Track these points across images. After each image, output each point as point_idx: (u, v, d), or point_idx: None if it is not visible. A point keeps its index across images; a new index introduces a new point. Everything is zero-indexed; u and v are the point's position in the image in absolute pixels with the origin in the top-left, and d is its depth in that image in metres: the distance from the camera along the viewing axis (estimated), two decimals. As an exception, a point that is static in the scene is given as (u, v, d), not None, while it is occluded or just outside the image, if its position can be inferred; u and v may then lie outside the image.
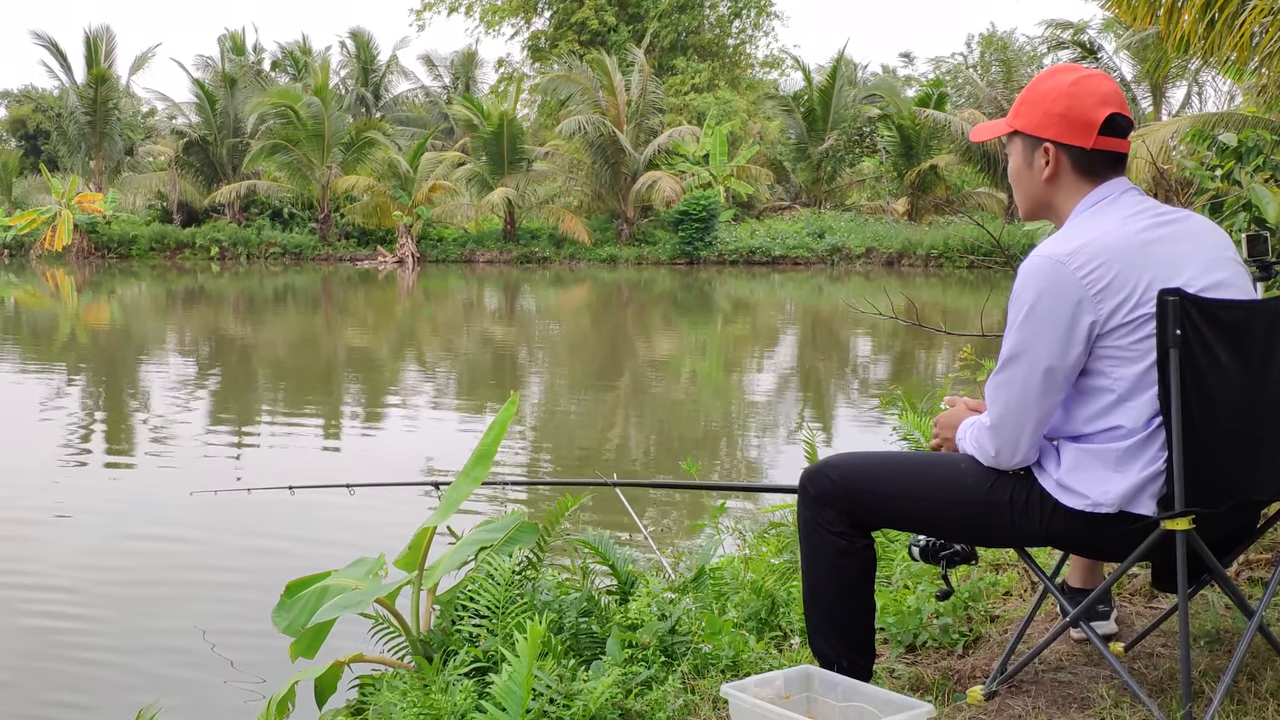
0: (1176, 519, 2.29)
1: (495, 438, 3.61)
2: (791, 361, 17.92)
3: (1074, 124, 2.40)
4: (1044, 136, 2.43)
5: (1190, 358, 2.26)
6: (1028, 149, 2.48)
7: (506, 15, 55.28)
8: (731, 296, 28.90)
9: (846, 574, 2.61)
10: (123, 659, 5.34)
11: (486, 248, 36.87)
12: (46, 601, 6.03)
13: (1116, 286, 2.30)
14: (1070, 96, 2.40)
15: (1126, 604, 3.41)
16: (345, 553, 4.20)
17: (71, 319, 22.23)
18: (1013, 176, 2.54)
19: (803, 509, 2.63)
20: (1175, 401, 2.26)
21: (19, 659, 5.31)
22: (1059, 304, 2.32)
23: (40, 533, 7.39)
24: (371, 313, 24.80)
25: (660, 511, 7.78)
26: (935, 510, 2.55)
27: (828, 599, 2.63)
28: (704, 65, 48.58)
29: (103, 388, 14.25)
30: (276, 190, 36.92)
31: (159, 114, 44.33)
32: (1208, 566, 2.40)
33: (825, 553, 2.60)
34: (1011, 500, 2.46)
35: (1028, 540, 2.56)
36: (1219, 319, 2.29)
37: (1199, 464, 2.30)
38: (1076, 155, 2.42)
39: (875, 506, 2.58)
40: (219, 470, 9.53)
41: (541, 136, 41.10)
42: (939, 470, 2.58)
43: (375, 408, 13.07)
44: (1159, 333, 2.27)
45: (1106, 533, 2.40)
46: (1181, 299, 2.25)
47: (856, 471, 2.60)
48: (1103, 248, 2.32)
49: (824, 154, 40.90)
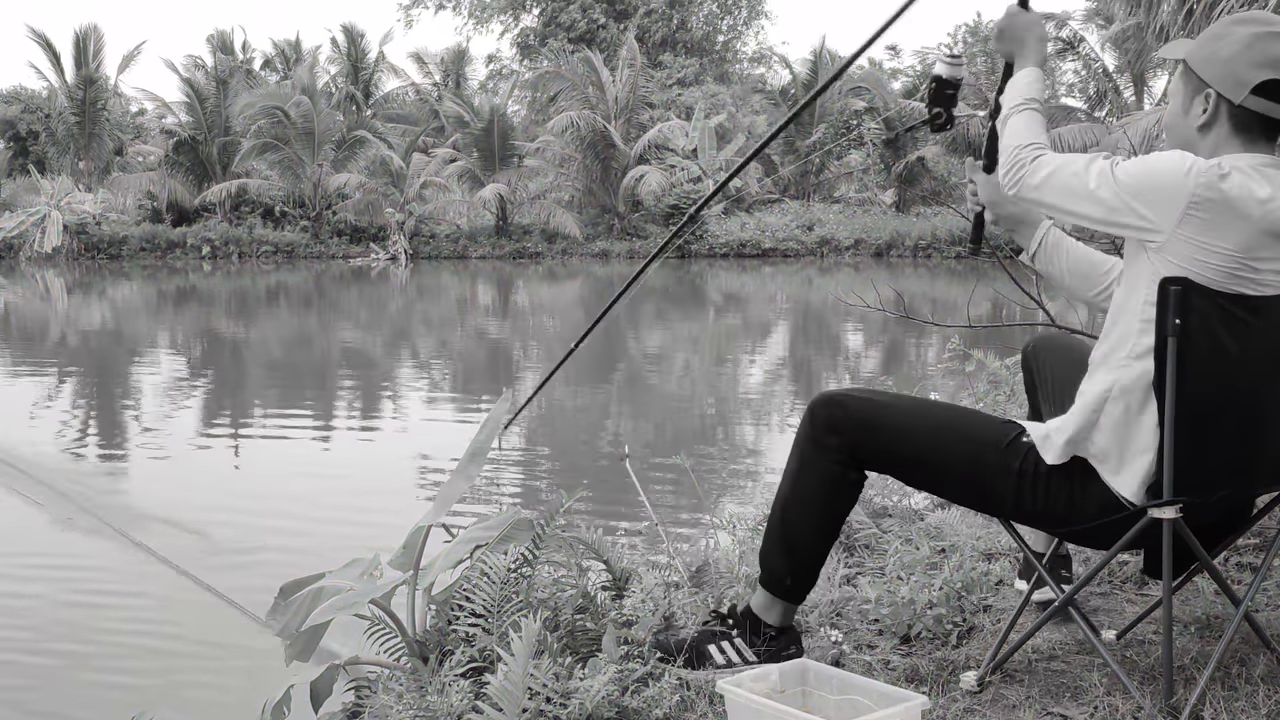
0: (1164, 508, 2.30)
1: (489, 435, 3.62)
2: (783, 354, 17.94)
3: (1233, 75, 2.33)
4: (1206, 78, 2.36)
5: (1190, 346, 2.25)
6: (1189, 89, 2.41)
7: (495, 13, 55.24)
8: (723, 289, 28.91)
9: (828, 503, 2.62)
10: (111, 663, 5.31)
11: (479, 243, 36.84)
12: (23, 612, 6.02)
13: (1244, 207, 2.23)
14: (1244, 48, 2.33)
15: (1118, 590, 3.43)
16: (339, 553, 4.21)
17: (62, 321, 22.17)
18: (1168, 122, 2.48)
19: (806, 428, 2.62)
20: (1170, 391, 2.26)
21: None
22: (1180, 184, 2.24)
23: (30, 533, 7.38)
24: (365, 310, 24.77)
25: (662, 500, 7.78)
26: (942, 465, 2.55)
27: (800, 521, 2.63)
28: (692, 61, 48.58)
29: (93, 388, 14.22)
30: (267, 189, 36.81)
31: (148, 113, 44.18)
32: (1195, 556, 2.41)
33: (816, 477, 2.60)
34: (1021, 469, 2.47)
35: (1020, 515, 2.56)
36: (1229, 312, 2.27)
37: (1190, 454, 2.30)
38: (1231, 108, 2.35)
39: (880, 445, 2.58)
40: (209, 467, 9.54)
41: (532, 132, 41.06)
42: (955, 421, 2.58)
43: (369, 404, 13.06)
44: (1158, 320, 2.27)
45: (1098, 514, 2.41)
46: (1185, 288, 2.23)
47: (874, 407, 2.59)
48: (1245, 189, 2.25)
49: (811, 147, 40.96)
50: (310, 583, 3.33)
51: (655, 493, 8.35)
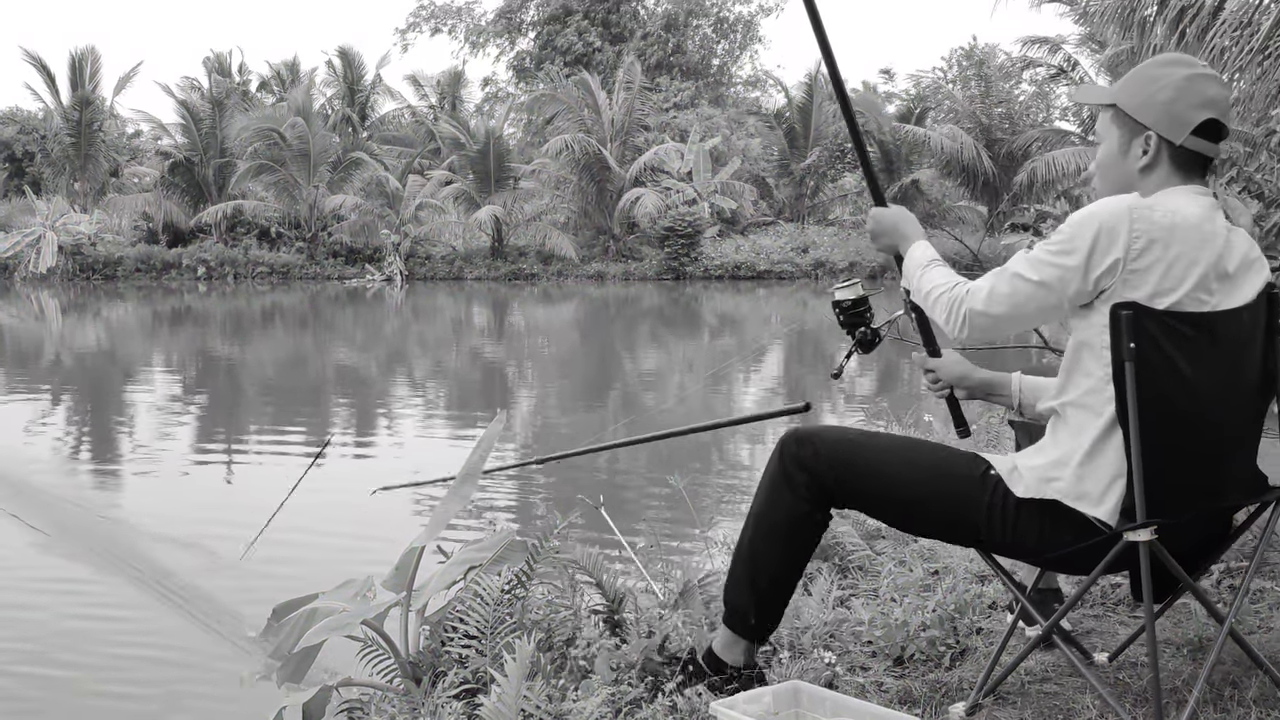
0: (1138, 530, 2.30)
1: (483, 455, 3.62)
2: (778, 375, 17.95)
3: (1174, 117, 2.38)
4: (1143, 121, 2.41)
5: (1146, 369, 2.28)
6: (1125, 133, 2.45)
7: (491, 37, 55.54)
8: (718, 311, 28.94)
9: (796, 539, 2.61)
10: (99, 687, 5.28)
11: (474, 265, 36.87)
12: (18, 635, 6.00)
13: (1162, 249, 2.29)
14: (1180, 91, 2.38)
15: (1111, 613, 3.44)
16: (333, 573, 4.20)
17: (56, 341, 22.15)
18: (1102, 163, 2.51)
19: (776, 464, 2.63)
20: (1132, 414, 2.28)
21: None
22: (1101, 237, 2.31)
23: (20, 554, 7.36)
24: (360, 331, 24.77)
25: (652, 524, 7.77)
26: (914, 500, 2.55)
27: (765, 558, 2.63)
28: (688, 84, 48.79)
29: (87, 409, 14.20)
30: (263, 210, 36.82)
31: (144, 135, 44.23)
32: (1175, 576, 2.41)
33: (783, 514, 2.60)
34: (990, 502, 2.48)
35: (995, 546, 2.57)
36: (1177, 331, 2.30)
37: (1159, 475, 2.31)
38: (1172, 149, 2.40)
39: (853, 485, 2.58)
40: (203, 486, 9.53)
41: (528, 154, 41.18)
42: (925, 458, 2.58)
43: (363, 424, 13.05)
44: (1114, 346, 2.29)
45: (1074, 538, 2.41)
46: (1136, 312, 2.26)
47: (843, 446, 2.60)
48: (1175, 223, 2.32)
49: (806, 170, 41.11)
50: (303, 604, 3.32)
51: (653, 508, 8.36)
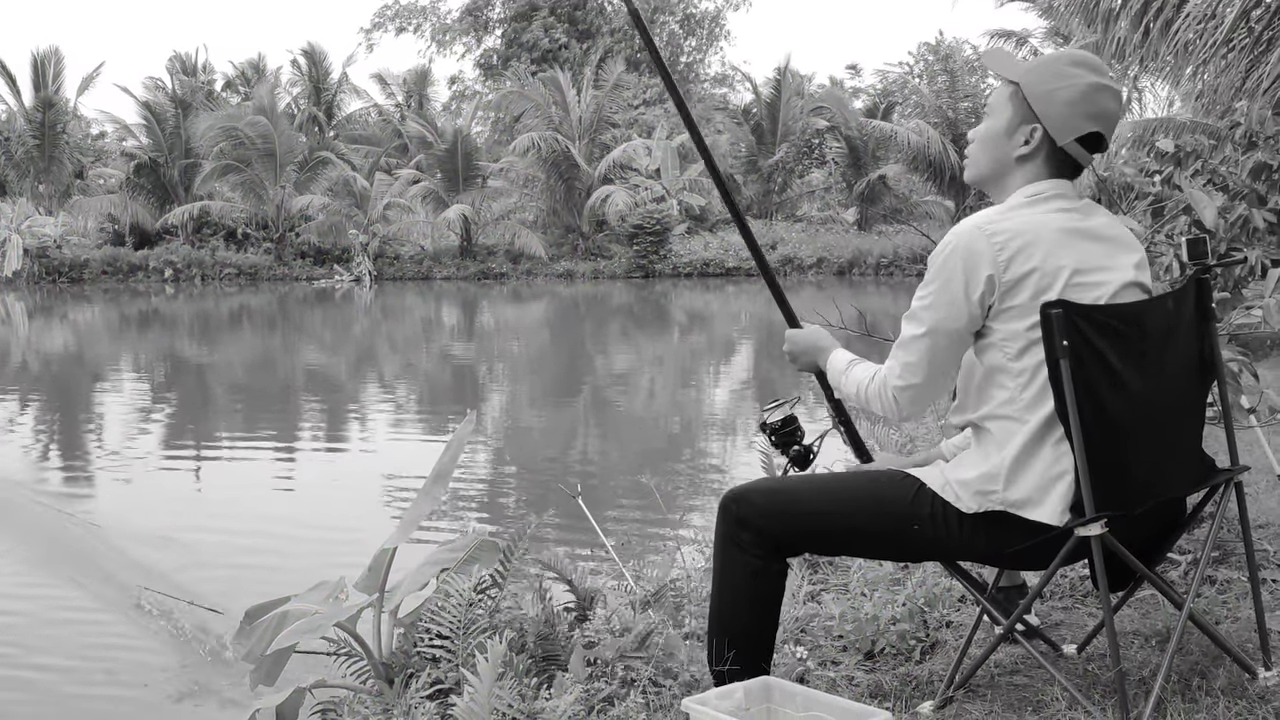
0: (1088, 525, 2.33)
1: (453, 456, 3.62)
2: (747, 373, 18.00)
3: (1065, 120, 2.41)
4: (1037, 112, 2.43)
5: (1081, 367, 2.29)
6: (1017, 114, 2.46)
7: (457, 35, 55.39)
8: (688, 309, 28.98)
9: (758, 595, 2.61)
10: (75, 690, 5.24)
11: (443, 264, 36.78)
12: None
13: (1026, 256, 2.34)
14: (1081, 96, 2.41)
15: (1079, 605, 3.47)
16: (305, 575, 4.18)
17: (23, 345, 21.94)
18: (986, 135, 2.52)
19: (721, 528, 2.62)
20: (1072, 411, 2.29)
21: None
22: (965, 261, 2.36)
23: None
24: (329, 331, 24.65)
25: (625, 524, 7.78)
26: (857, 529, 2.56)
27: (736, 619, 2.63)
28: (655, 80, 48.79)
29: (55, 412, 14.08)
30: (230, 211, 36.60)
31: (109, 136, 43.84)
32: (1129, 566, 2.43)
33: (739, 572, 2.59)
34: (932, 514, 2.48)
35: (952, 554, 2.59)
36: (1107, 325, 2.32)
37: (1104, 469, 2.33)
38: (1053, 147, 2.44)
39: (797, 530, 2.59)
40: (173, 489, 9.47)
41: (496, 153, 41.10)
42: (858, 489, 2.59)
43: (334, 425, 13.00)
44: (1046, 345, 2.31)
45: (1024, 540, 2.42)
46: (1065, 310, 2.28)
47: (779, 494, 2.62)
48: (1027, 227, 2.37)
49: (774, 166, 41.22)
50: (275, 606, 3.31)
51: (624, 507, 8.36)
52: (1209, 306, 2.58)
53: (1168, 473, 2.49)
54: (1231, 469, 2.64)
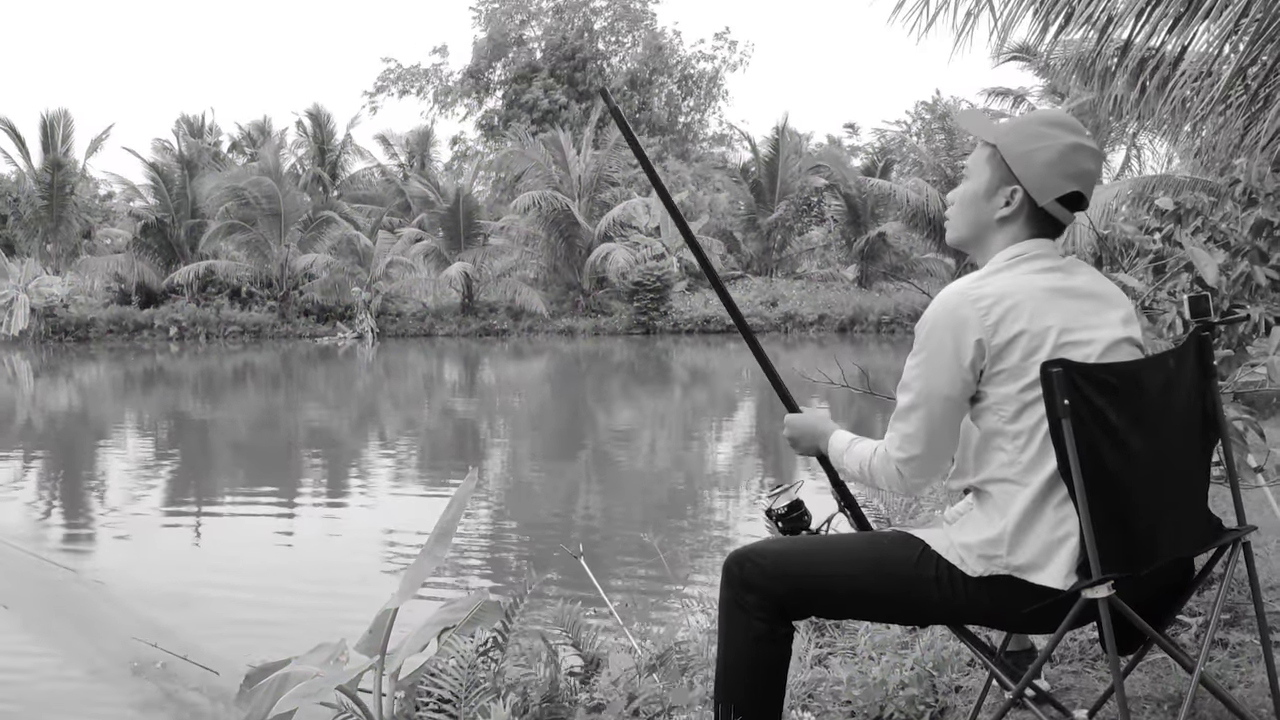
0: (1095, 587, 2.30)
1: (455, 514, 3.60)
2: (750, 430, 17.96)
3: (1045, 180, 2.41)
4: (1016, 174, 2.43)
5: (1082, 426, 2.27)
6: (996, 176, 2.46)
7: (459, 96, 55.98)
8: (689, 365, 28.99)
9: (764, 660, 2.57)
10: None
11: (445, 321, 36.89)
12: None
13: (1013, 318, 2.33)
14: (1060, 157, 2.41)
15: (1090, 669, 3.43)
16: (306, 634, 4.15)
17: (28, 404, 21.93)
18: (964, 197, 2.52)
19: (725, 591, 2.59)
20: (1075, 471, 2.26)
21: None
22: (952, 329, 2.35)
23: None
24: (332, 389, 24.64)
25: (628, 581, 7.74)
26: (862, 591, 2.53)
27: (741, 685, 2.59)
28: (654, 140, 49.26)
29: (59, 470, 14.04)
30: (235, 269, 36.79)
31: (116, 197, 44.13)
32: (1138, 629, 2.40)
33: (744, 636, 2.56)
34: (937, 577, 2.45)
35: (959, 616, 2.55)
36: (1107, 383, 2.30)
37: (1109, 529, 2.30)
38: (1033, 207, 2.44)
39: (803, 591, 2.55)
40: (175, 547, 9.42)
41: (497, 211, 41.37)
42: (863, 550, 2.56)
43: (336, 483, 12.95)
44: (1048, 405, 2.28)
45: (1030, 603, 2.39)
46: (1065, 368, 2.26)
47: (784, 556, 2.58)
48: (1012, 289, 2.36)
49: (773, 224, 41.45)
50: (276, 669, 3.28)
51: (627, 565, 8.31)
52: (1210, 364, 2.57)
53: (1174, 533, 2.45)
54: (1239, 529, 2.61)
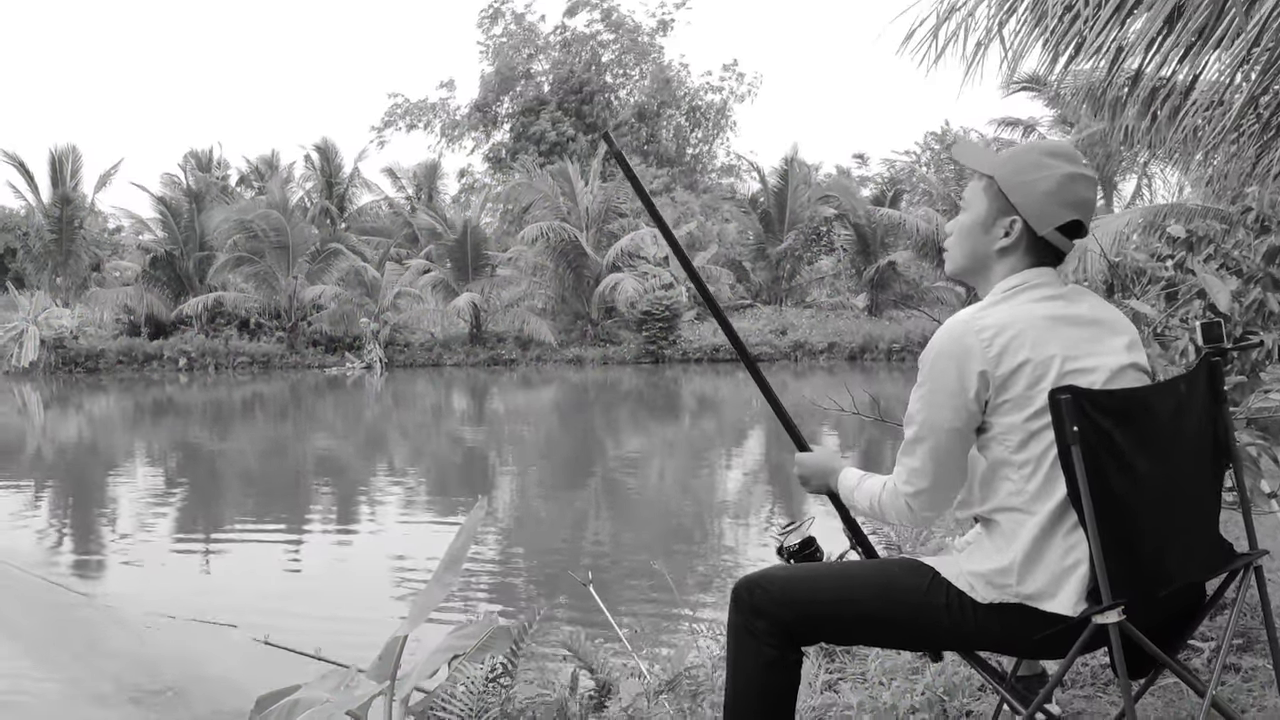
0: (1105, 612, 2.29)
1: (465, 543, 3.60)
2: (760, 458, 17.94)
3: (1044, 210, 2.42)
4: (1015, 204, 2.44)
5: (1091, 452, 2.26)
6: (994, 209, 2.47)
7: (466, 130, 56.29)
8: (697, 394, 28.99)
9: (773, 686, 2.56)
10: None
11: (453, 351, 36.96)
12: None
13: (1016, 348, 2.33)
14: (1059, 186, 2.42)
15: (1101, 694, 3.41)
16: (315, 661, 4.14)
17: (38, 434, 21.99)
18: (963, 228, 2.53)
19: (734, 617, 2.59)
20: (1085, 497, 2.26)
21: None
22: (955, 360, 2.35)
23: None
24: (340, 419, 24.68)
25: (638, 608, 7.72)
26: (872, 617, 2.52)
27: (751, 710, 2.57)
28: (663, 171, 49.45)
29: (69, 500, 14.06)
30: (243, 301, 36.94)
31: (125, 230, 44.39)
32: (1148, 654, 2.39)
33: (753, 662, 2.55)
34: (947, 603, 2.44)
35: (969, 642, 2.53)
36: (1117, 409, 2.30)
37: (1119, 554, 2.29)
38: (1033, 237, 2.44)
39: (813, 617, 2.55)
40: (184, 575, 9.42)
41: (504, 242, 41.52)
42: (873, 576, 2.56)
43: (345, 512, 12.96)
44: (1057, 432, 2.28)
45: (1041, 630, 2.38)
46: (1074, 395, 2.25)
47: (793, 583, 2.58)
48: (1014, 319, 2.36)
49: (782, 254, 41.53)
50: (286, 695, 3.28)
51: (635, 588, 8.29)
52: (1221, 388, 2.56)
53: (1184, 557, 2.44)
54: (1251, 553, 2.60)
